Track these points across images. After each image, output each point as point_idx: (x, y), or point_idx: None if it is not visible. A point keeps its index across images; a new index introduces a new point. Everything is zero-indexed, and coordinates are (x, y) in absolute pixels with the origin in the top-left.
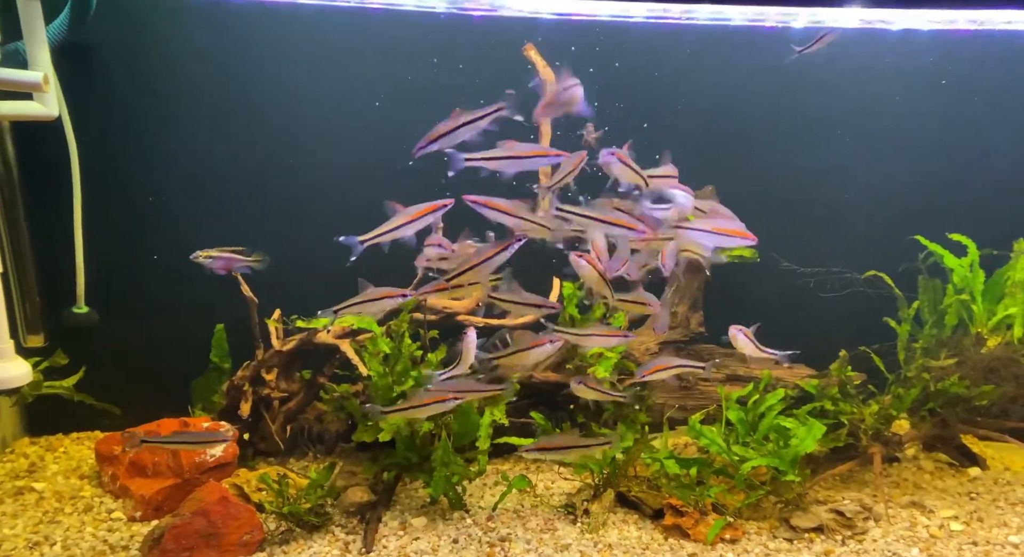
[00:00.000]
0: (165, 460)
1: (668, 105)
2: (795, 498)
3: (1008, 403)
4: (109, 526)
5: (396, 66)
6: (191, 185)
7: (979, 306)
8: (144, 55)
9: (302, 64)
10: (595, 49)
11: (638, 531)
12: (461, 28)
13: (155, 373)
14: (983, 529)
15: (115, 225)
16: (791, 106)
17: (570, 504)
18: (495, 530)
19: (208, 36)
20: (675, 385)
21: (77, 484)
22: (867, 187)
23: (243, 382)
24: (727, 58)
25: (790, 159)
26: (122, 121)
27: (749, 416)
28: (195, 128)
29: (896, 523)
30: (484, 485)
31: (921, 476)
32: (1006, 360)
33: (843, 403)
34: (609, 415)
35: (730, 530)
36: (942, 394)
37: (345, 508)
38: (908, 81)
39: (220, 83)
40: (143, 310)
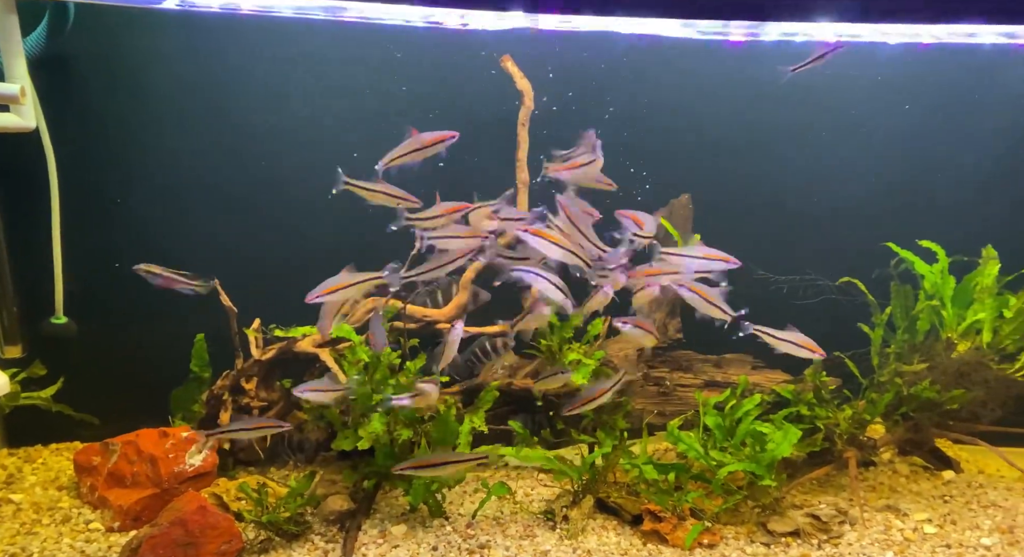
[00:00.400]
0: (144, 470)
1: (643, 116)
2: (772, 503)
3: (978, 407)
4: (87, 537)
5: (370, 77)
6: (169, 195)
7: (949, 312)
8: (122, 67)
9: (278, 75)
10: (571, 61)
11: (617, 537)
12: (435, 41)
13: (134, 383)
14: (956, 532)
15: (93, 235)
16: (762, 117)
17: (549, 510)
18: (475, 537)
19: (184, 48)
20: (653, 391)
21: (55, 495)
22: (839, 195)
23: (222, 391)
24: (699, 70)
25: (763, 169)
26: (100, 132)
27: (726, 421)
28: (172, 138)
29: (871, 526)
30: (464, 492)
31: (896, 480)
32: (976, 364)
33: (818, 408)
34: (588, 421)
35: (708, 535)
36: (914, 398)
37: (325, 517)
38: (877, 92)
39: (196, 94)
40: (122, 320)
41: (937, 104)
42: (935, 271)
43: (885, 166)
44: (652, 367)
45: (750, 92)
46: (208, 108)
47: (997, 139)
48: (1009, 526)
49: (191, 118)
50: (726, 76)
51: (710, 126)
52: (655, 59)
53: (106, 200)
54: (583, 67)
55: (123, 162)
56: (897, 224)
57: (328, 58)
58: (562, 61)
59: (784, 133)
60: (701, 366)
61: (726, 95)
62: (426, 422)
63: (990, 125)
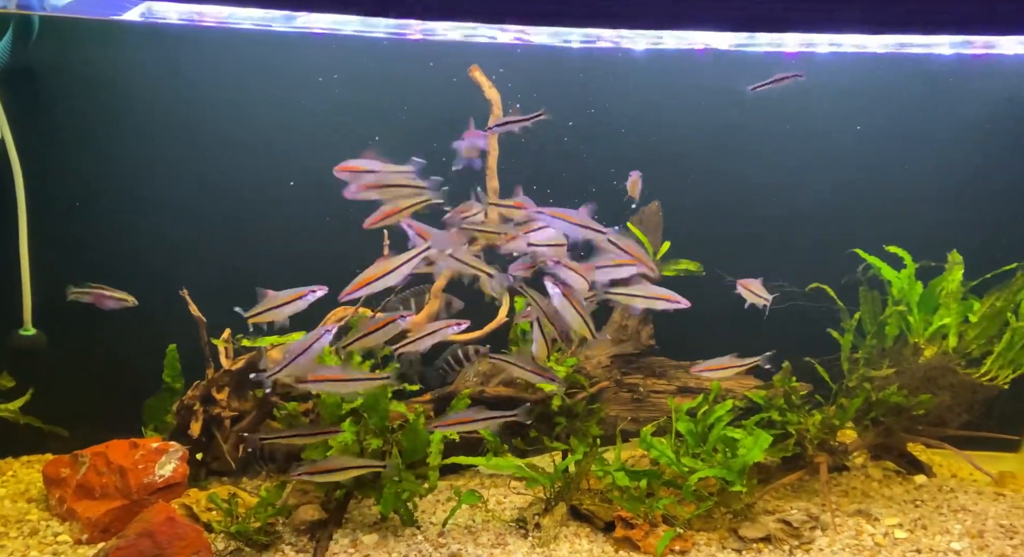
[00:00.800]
0: (113, 482)
1: (611, 125)
2: (744, 508)
3: (945, 411)
4: (55, 549)
5: (340, 87)
6: (137, 205)
7: (915, 317)
8: (87, 77)
9: (242, 85)
10: (533, 72)
11: (589, 544)
12: (401, 52)
13: (106, 394)
14: (926, 536)
15: (61, 247)
16: (732, 125)
17: (522, 518)
18: (446, 546)
19: (149, 58)
20: (627, 397)
21: (24, 507)
22: (807, 202)
23: (193, 402)
24: (667, 80)
25: (733, 176)
26: (66, 142)
27: (699, 427)
28: (140, 148)
29: (842, 532)
30: (437, 501)
31: (869, 484)
32: (942, 369)
33: (789, 413)
34: (562, 429)
35: (680, 541)
36: (883, 403)
37: (296, 526)
38: (843, 100)
39: (162, 104)
40: (92, 332)
41: (901, 111)
42: (902, 277)
43: (852, 172)
44: (626, 374)
45: (715, 101)
46: (174, 118)
47: (962, 145)
48: (979, 530)
49: (157, 128)
50: (693, 84)
51: (679, 134)
52: (622, 68)
53: (72, 211)
54: (548, 76)
55: (91, 172)
56: (865, 229)
57: (290, 68)
58: (524, 70)
59: (751, 140)
60: (674, 372)
61: (692, 104)
62: (396, 431)
63: (955, 131)
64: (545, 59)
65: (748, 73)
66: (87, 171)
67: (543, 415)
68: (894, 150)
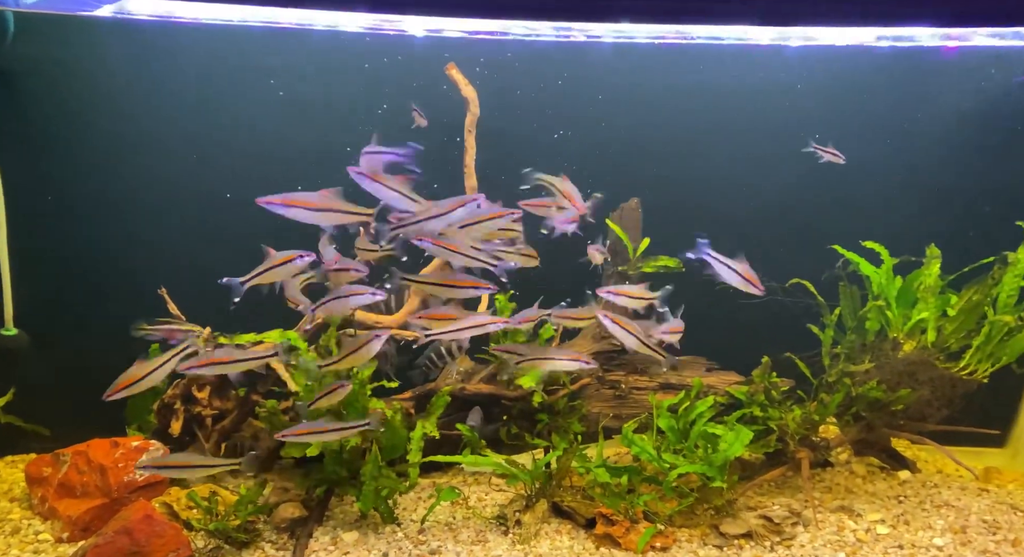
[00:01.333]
0: (93, 480)
1: (588, 122)
2: (725, 505)
3: (924, 406)
4: (35, 548)
5: (326, 83)
6: (116, 202)
7: (894, 311)
8: (65, 76)
9: (224, 82)
10: (508, 66)
11: (571, 541)
12: (390, 47)
13: (89, 394)
14: (909, 532)
15: (42, 245)
16: (708, 121)
17: (502, 515)
18: (426, 543)
19: (125, 57)
20: (609, 394)
21: (6, 507)
22: (786, 198)
23: (173, 400)
24: (640, 75)
25: (712, 172)
26: (45, 142)
27: (680, 424)
28: (119, 146)
29: (824, 528)
30: (419, 498)
31: (853, 480)
32: (921, 364)
33: (771, 409)
34: (543, 426)
35: (661, 538)
36: (863, 398)
37: (277, 524)
38: (822, 95)
39: (140, 102)
40: (74, 331)
41: (876, 104)
42: (880, 272)
43: (829, 167)
44: (608, 371)
45: (694, 98)
46: (152, 115)
47: (938, 139)
48: (962, 526)
49: (136, 125)
50: (667, 82)
51: (657, 129)
52: (596, 62)
53: (54, 210)
54: (517, 73)
55: (71, 171)
56: (843, 224)
57: (265, 65)
58: (496, 66)
59: (729, 135)
60: (656, 369)
61: (668, 101)
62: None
63: (930, 126)
64: (520, 52)
65: (721, 67)
66: (65, 170)
67: (524, 412)
68: (872, 144)
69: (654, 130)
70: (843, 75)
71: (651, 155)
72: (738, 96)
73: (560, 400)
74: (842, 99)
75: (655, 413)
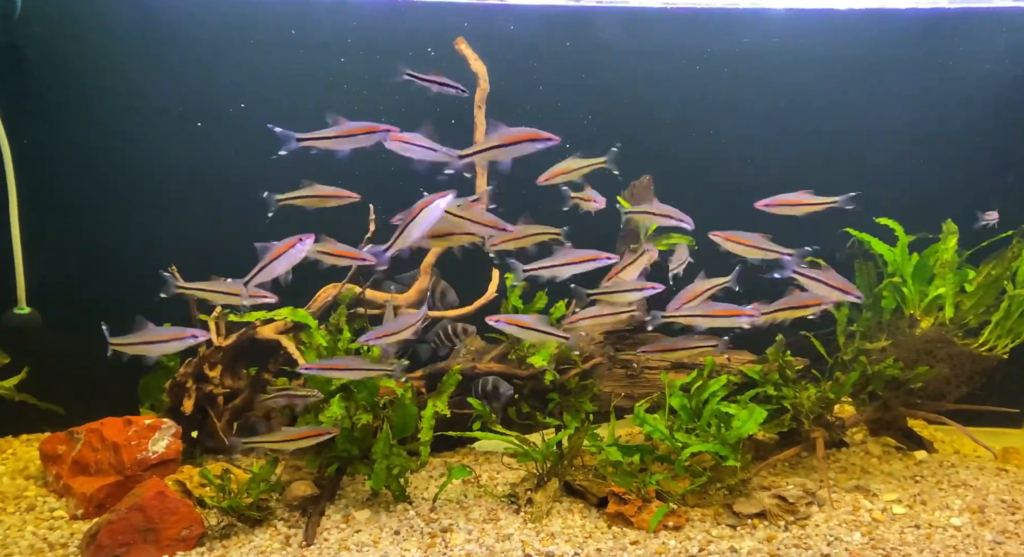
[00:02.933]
0: (107, 458)
1: (601, 97)
2: (739, 484)
3: (943, 384)
4: (50, 525)
5: (350, 57)
6: (128, 182)
7: (910, 288)
8: (74, 54)
9: (234, 57)
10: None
11: (582, 519)
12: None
13: (103, 373)
14: (926, 512)
15: (54, 225)
16: (723, 93)
17: (514, 494)
18: (437, 521)
19: (134, 32)
20: (621, 373)
21: (22, 484)
22: (801, 173)
23: (185, 379)
24: (648, 45)
25: (725, 149)
26: (56, 120)
27: (692, 402)
28: (130, 125)
29: (839, 507)
30: (431, 477)
31: (868, 460)
32: (939, 341)
33: (784, 388)
34: (555, 405)
35: (673, 517)
36: (880, 377)
37: (289, 502)
38: (843, 66)
39: (151, 78)
40: (87, 310)
41: (896, 72)
42: (896, 250)
43: (843, 140)
44: (620, 350)
45: (702, 66)
46: (164, 92)
47: (955, 110)
48: (979, 506)
49: (147, 103)
50: (673, 50)
51: (675, 104)
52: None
53: (65, 189)
54: (522, 43)
55: (82, 149)
56: (858, 199)
57: (294, 39)
58: (496, 36)
59: (740, 110)
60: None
61: (684, 75)
62: (386, 407)
63: (948, 95)
64: (532, 20)
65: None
66: (77, 152)
67: (536, 391)
68: (885, 116)
69: (666, 104)
70: (858, 42)
71: (662, 130)
72: (753, 66)
73: (572, 379)
74: (857, 67)
75: (667, 392)
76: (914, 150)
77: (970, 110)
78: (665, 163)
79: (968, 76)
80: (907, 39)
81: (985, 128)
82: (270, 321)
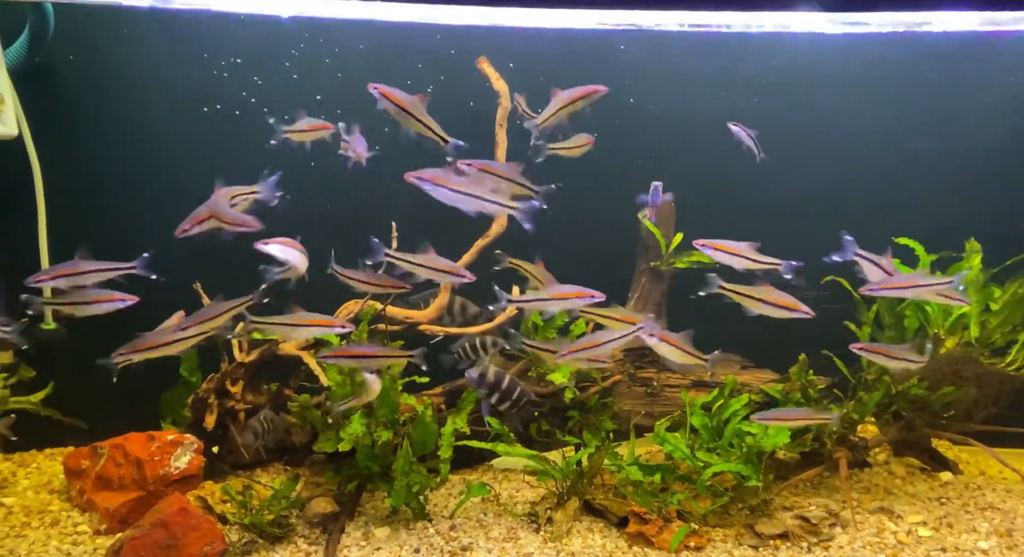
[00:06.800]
0: (130, 473)
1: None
2: (761, 504)
3: (970, 404)
4: (74, 540)
5: (384, 74)
6: (154, 198)
7: (933, 307)
8: (104, 72)
9: (264, 73)
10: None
11: (603, 539)
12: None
13: (126, 388)
14: (952, 535)
15: (80, 240)
16: (745, 113)
17: (533, 513)
18: (457, 539)
19: (163, 51)
20: (641, 391)
21: (46, 499)
22: (822, 192)
23: (208, 394)
24: (671, 67)
25: (745, 169)
26: (85, 137)
27: (713, 421)
28: (155, 140)
29: (863, 529)
30: (450, 494)
31: (892, 481)
32: (965, 360)
33: (807, 408)
34: (574, 423)
35: (695, 537)
36: (904, 396)
37: (309, 519)
38: (853, 86)
39: (179, 95)
40: (111, 326)
41: (915, 96)
42: (917, 269)
43: (865, 161)
44: (639, 368)
45: (728, 91)
46: (192, 109)
47: (977, 132)
48: (1007, 529)
49: (172, 119)
50: (697, 69)
51: (692, 126)
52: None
53: (92, 204)
54: (546, 61)
55: (106, 167)
56: (878, 219)
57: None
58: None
59: (762, 130)
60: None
61: (704, 89)
62: (406, 424)
63: (971, 118)
64: (538, 43)
65: (756, 56)
66: (103, 166)
67: (555, 409)
68: (907, 137)
69: (688, 123)
70: (886, 64)
71: (685, 149)
72: (776, 87)
73: (592, 397)
74: (879, 90)
75: (688, 411)
76: (937, 171)
77: (996, 132)
78: (688, 185)
79: (993, 98)
80: (934, 61)
81: (1012, 146)
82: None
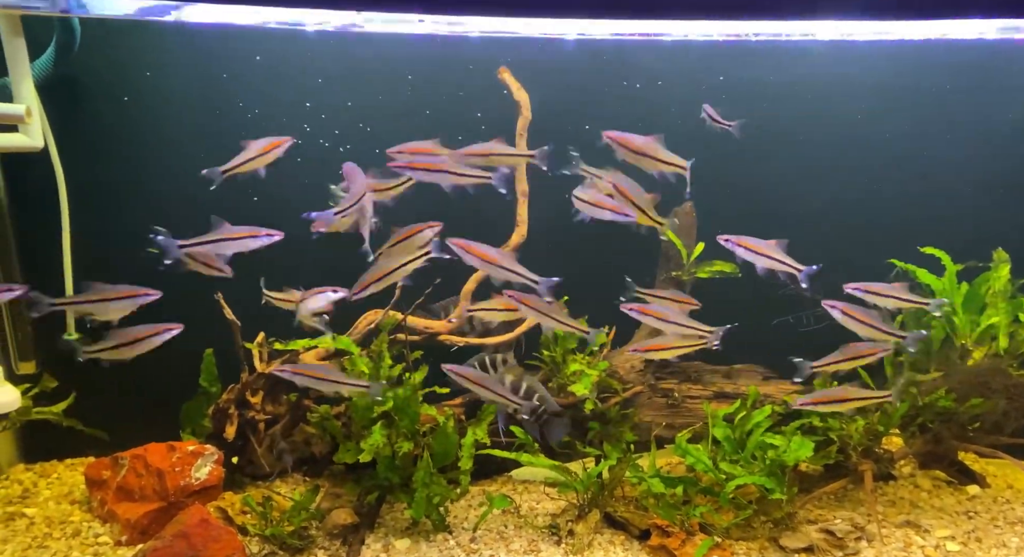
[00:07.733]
0: (151, 484)
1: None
2: (785, 517)
3: (1000, 416)
4: (95, 550)
5: (391, 87)
6: (178, 210)
7: (961, 317)
8: (130, 85)
9: (290, 85)
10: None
11: (624, 552)
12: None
13: (146, 398)
14: (981, 549)
15: (103, 251)
16: (768, 121)
17: (554, 525)
18: (478, 552)
19: (188, 64)
20: (662, 403)
21: (68, 509)
22: (847, 200)
23: (228, 405)
24: (694, 73)
25: (769, 176)
26: (109, 150)
27: (736, 433)
28: (181, 154)
29: (889, 543)
30: (470, 506)
31: (918, 494)
32: (994, 371)
33: (831, 419)
34: (595, 434)
35: (718, 551)
36: (930, 408)
37: (329, 530)
38: (879, 93)
39: (204, 108)
40: None
41: (937, 104)
42: (944, 279)
43: (891, 170)
44: (660, 379)
45: (749, 94)
46: (214, 122)
47: (1001, 138)
48: None
49: (197, 133)
50: (720, 78)
51: (714, 133)
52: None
53: (115, 216)
54: (566, 71)
55: (130, 178)
56: (905, 227)
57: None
58: (546, 64)
59: (785, 138)
60: (711, 377)
61: (723, 96)
62: (427, 435)
63: (992, 124)
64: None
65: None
66: (127, 178)
67: (575, 420)
68: (937, 145)
69: (711, 131)
70: (906, 70)
71: (708, 156)
72: (800, 95)
73: (612, 408)
74: (907, 96)
75: (710, 422)
76: (963, 180)
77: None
78: (710, 192)
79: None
80: (960, 68)
81: None
82: (313, 347)
